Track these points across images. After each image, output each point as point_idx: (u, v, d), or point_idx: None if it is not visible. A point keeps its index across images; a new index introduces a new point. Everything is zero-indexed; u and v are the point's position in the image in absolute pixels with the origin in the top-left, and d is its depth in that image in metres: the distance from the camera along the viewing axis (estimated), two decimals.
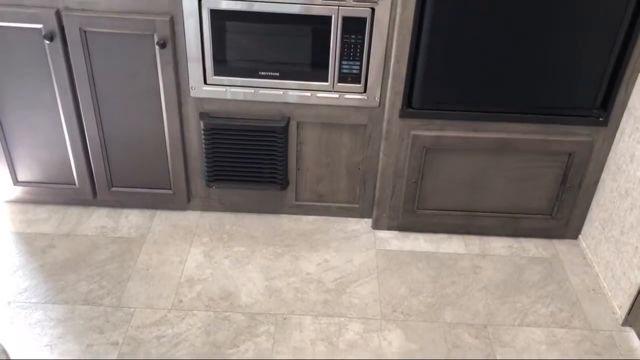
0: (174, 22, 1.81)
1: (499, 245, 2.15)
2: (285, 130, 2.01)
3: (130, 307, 1.83)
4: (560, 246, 2.16)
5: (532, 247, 2.15)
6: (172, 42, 1.83)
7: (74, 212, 2.19)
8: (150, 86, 1.92)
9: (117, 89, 1.92)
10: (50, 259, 1.99)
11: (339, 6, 1.79)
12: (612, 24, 1.71)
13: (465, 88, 1.86)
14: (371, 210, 2.19)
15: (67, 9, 1.79)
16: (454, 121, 1.93)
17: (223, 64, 1.90)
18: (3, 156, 2.06)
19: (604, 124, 1.90)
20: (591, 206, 2.09)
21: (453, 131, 1.94)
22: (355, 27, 1.83)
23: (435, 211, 2.13)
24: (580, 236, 2.17)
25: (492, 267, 2.06)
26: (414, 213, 2.12)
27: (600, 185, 2.03)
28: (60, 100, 1.93)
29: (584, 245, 2.14)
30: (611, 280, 1.93)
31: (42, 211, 2.19)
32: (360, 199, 2.19)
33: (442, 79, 1.85)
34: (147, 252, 2.04)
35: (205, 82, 1.93)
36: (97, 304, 1.84)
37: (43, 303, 1.83)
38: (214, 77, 1.92)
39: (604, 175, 2.00)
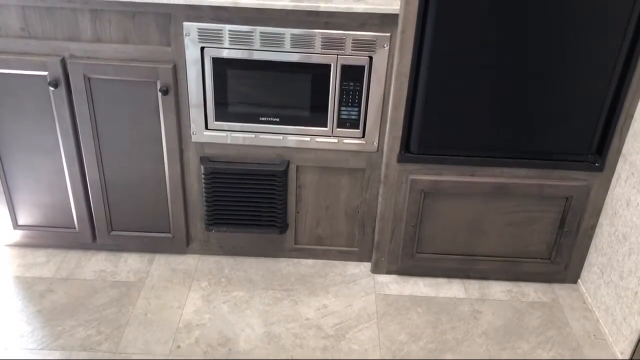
0: (177, 70, 1.85)
1: (498, 289, 2.15)
2: (284, 174, 2.03)
3: (128, 353, 1.81)
4: (559, 290, 2.15)
5: (532, 291, 2.14)
6: (174, 88, 1.87)
7: (73, 255, 2.19)
8: (152, 131, 1.95)
9: (119, 134, 1.95)
10: (49, 303, 1.98)
11: (337, 55, 1.83)
12: (605, 72, 1.76)
13: (462, 133, 1.89)
14: (370, 253, 2.20)
15: (72, 56, 1.83)
16: (452, 166, 1.95)
17: (224, 110, 1.93)
18: (4, 200, 2.08)
19: (600, 169, 1.92)
20: (589, 250, 2.10)
21: (451, 175, 1.97)
22: (353, 75, 1.87)
23: (434, 255, 2.13)
24: (579, 280, 2.17)
25: (491, 312, 2.05)
26: (413, 257, 2.12)
27: (597, 229, 2.04)
28: (63, 145, 1.96)
29: (584, 290, 2.13)
30: (612, 326, 1.92)
31: (41, 255, 2.18)
32: (359, 242, 2.20)
33: (440, 125, 1.88)
34: (146, 296, 2.03)
35: (206, 127, 1.96)
36: (95, 350, 1.82)
37: (40, 349, 1.81)
38: (215, 122, 1.95)
39: (601, 219, 2.02)
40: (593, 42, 1.71)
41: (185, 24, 1.78)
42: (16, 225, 2.15)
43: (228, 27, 1.79)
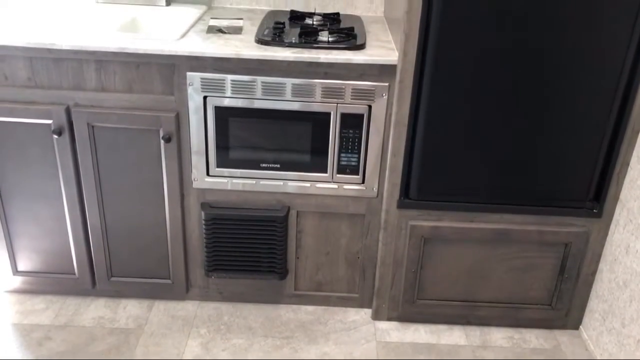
0: (180, 118, 1.89)
1: (499, 336, 2.13)
2: (285, 219, 2.04)
3: None
4: (561, 337, 2.13)
5: (533, 337, 2.12)
6: (176, 136, 1.90)
7: (72, 302, 2.18)
8: (154, 178, 1.96)
9: (121, 181, 1.97)
10: (46, 351, 1.96)
11: (337, 103, 1.87)
12: (601, 120, 1.79)
13: (461, 180, 1.91)
14: (371, 300, 2.18)
15: (76, 105, 1.87)
16: (451, 212, 1.97)
17: (225, 157, 1.96)
18: (5, 246, 2.08)
19: (598, 215, 1.94)
20: (590, 297, 2.09)
21: (450, 221, 1.98)
22: (353, 123, 1.90)
23: (435, 301, 2.12)
24: (581, 327, 2.15)
25: (493, 359, 2.03)
26: (414, 303, 2.11)
27: (598, 276, 2.04)
28: (65, 192, 1.97)
29: (586, 337, 2.11)
30: None
31: (40, 301, 2.17)
32: (359, 288, 2.19)
33: (438, 171, 1.90)
34: (145, 344, 2.01)
35: (207, 174, 1.98)
36: None
37: None
38: (217, 169, 1.97)
39: (601, 265, 2.02)
40: (588, 92, 1.75)
41: (189, 74, 1.82)
42: (16, 272, 2.14)
43: (230, 77, 1.83)
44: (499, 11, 1.65)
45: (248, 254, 2.09)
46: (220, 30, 1.97)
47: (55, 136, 1.87)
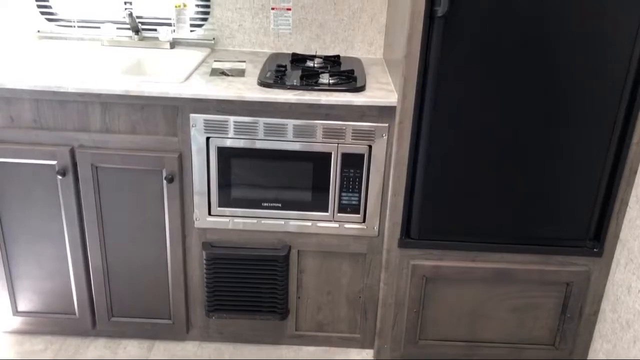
0: (182, 159, 1.91)
1: None
2: (286, 259, 2.04)
3: None
4: None
5: None
6: (179, 176, 1.92)
7: (71, 342, 2.16)
8: (156, 218, 1.98)
9: (123, 221, 1.98)
10: None
11: (338, 144, 1.89)
12: (599, 160, 1.81)
13: (461, 219, 1.92)
14: (373, 340, 2.17)
15: (81, 146, 1.89)
16: (453, 251, 1.97)
17: (227, 196, 1.97)
18: (6, 287, 2.07)
19: (599, 254, 1.94)
20: (594, 337, 2.07)
21: (452, 261, 1.98)
22: (353, 162, 1.92)
23: (437, 342, 2.10)
24: None
25: None
26: (416, 344, 2.10)
27: (600, 315, 2.03)
28: (68, 232, 1.98)
29: None
30: None
31: (39, 342, 2.15)
32: (361, 328, 2.17)
33: (439, 211, 1.91)
34: None
35: (209, 214, 1.99)
36: None
37: None
38: (218, 208, 1.98)
39: (603, 305, 2.01)
40: (586, 132, 1.78)
41: (192, 115, 1.86)
42: (16, 312, 2.13)
43: (233, 118, 1.86)
44: (497, 56, 1.69)
45: (249, 293, 2.08)
46: (223, 73, 2.01)
47: (59, 177, 1.89)
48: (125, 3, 2.34)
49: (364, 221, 2.00)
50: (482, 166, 1.84)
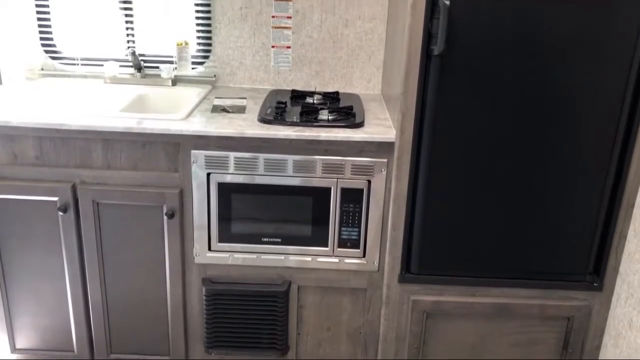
0: (183, 194, 1.92)
1: None
2: (286, 294, 2.03)
3: None
4: None
5: None
6: (179, 212, 1.93)
7: None
8: (156, 254, 1.98)
9: (123, 257, 1.99)
10: None
11: (337, 179, 1.91)
12: (596, 195, 1.83)
13: (461, 253, 1.93)
14: None
15: (82, 183, 1.91)
16: (453, 286, 1.97)
17: (227, 232, 1.98)
18: (4, 324, 2.06)
19: (599, 289, 1.94)
20: None
21: (452, 296, 1.97)
22: (353, 197, 1.94)
23: None
24: None
25: None
26: None
27: (602, 350, 2.01)
28: (68, 269, 1.98)
29: None
30: None
31: None
32: None
33: (439, 245, 1.92)
34: None
35: (209, 249, 1.99)
36: None
37: None
38: (218, 243, 1.99)
39: (605, 340, 2.00)
40: (583, 168, 1.80)
41: (193, 152, 1.88)
42: (14, 349, 2.12)
43: (233, 154, 1.88)
44: (493, 92, 1.73)
45: (249, 329, 2.07)
46: (224, 110, 2.04)
47: (61, 213, 1.90)
48: (128, 42, 2.39)
49: (364, 256, 2.00)
50: (481, 200, 1.85)
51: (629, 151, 1.78)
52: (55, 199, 1.90)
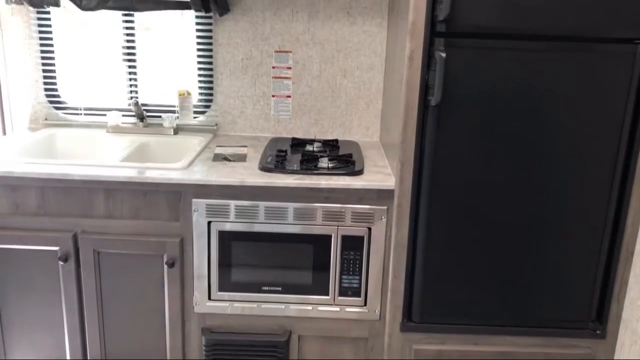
0: (184, 243, 1.93)
1: None
2: (286, 344, 2.01)
3: None
4: None
5: None
6: (180, 261, 1.93)
7: None
8: (156, 303, 1.97)
9: (123, 307, 1.97)
10: None
11: (338, 226, 1.92)
12: (595, 242, 1.84)
13: (463, 301, 1.91)
14: None
15: (84, 232, 1.91)
16: (455, 334, 1.95)
17: (227, 280, 1.97)
18: None
19: (602, 336, 1.92)
20: None
21: (454, 345, 1.95)
22: (353, 245, 1.94)
23: None
24: None
25: None
26: None
27: None
28: (67, 320, 1.97)
29: None
30: None
31: None
32: None
33: (440, 293, 1.91)
34: None
35: (209, 298, 1.98)
36: None
37: None
38: (218, 292, 1.98)
39: None
40: (580, 216, 1.81)
41: (194, 200, 1.89)
42: None
43: (234, 202, 1.89)
44: (490, 140, 1.76)
45: None
46: (225, 158, 2.07)
47: (61, 263, 1.90)
48: (131, 92, 2.44)
49: (365, 304, 1.99)
50: (482, 248, 1.86)
51: (626, 197, 1.80)
52: (56, 248, 1.90)
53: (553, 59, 1.69)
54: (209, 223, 1.92)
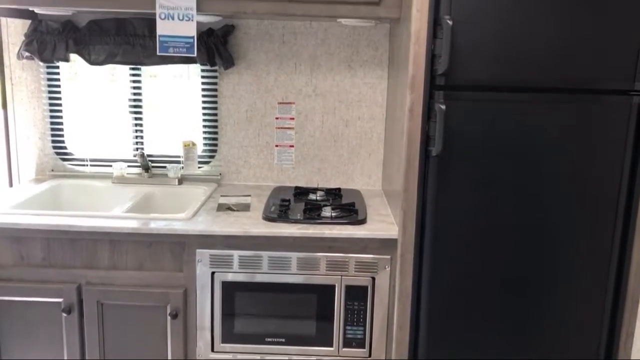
0: (187, 294, 1.93)
1: None
2: None
3: None
4: None
5: None
6: (183, 312, 1.92)
7: None
8: (159, 354, 1.95)
9: (126, 358, 1.95)
10: None
11: (341, 276, 1.92)
12: (599, 289, 1.83)
13: (468, 351, 1.89)
14: None
15: (88, 283, 1.92)
16: None
17: (231, 332, 1.96)
18: None
19: None
20: None
21: None
22: (357, 295, 1.94)
23: None
24: None
25: None
26: None
27: None
28: None
29: None
30: None
31: None
32: None
33: (446, 345, 1.89)
34: None
35: (212, 350, 1.96)
36: None
37: None
38: (221, 344, 1.96)
39: None
40: (582, 262, 1.82)
41: (198, 250, 1.90)
42: None
43: (238, 252, 1.90)
44: (491, 188, 1.78)
45: None
46: (229, 208, 2.09)
47: (65, 314, 1.90)
48: (136, 143, 2.48)
49: (369, 356, 1.97)
50: (485, 297, 1.85)
51: (628, 245, 1.81)
52: (60, 300, 1.90)
53: (550, 110, 1.73)
54: (213, 273, 1.92)
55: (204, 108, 2.44)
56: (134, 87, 2.44)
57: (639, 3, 1.67)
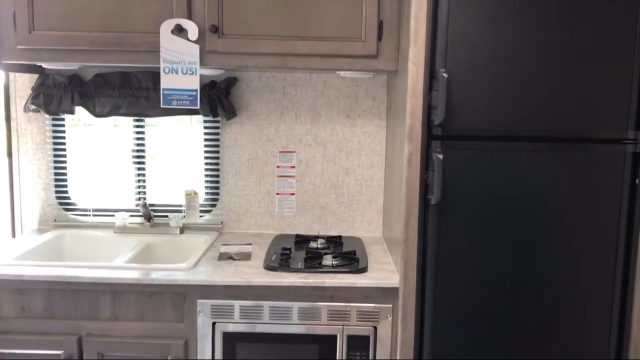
0: (188, 345, 1.91)
1: None
2: None
3: None
4: None
5: None
6: None
7: None
8: None
9: None
10: None
11: (343, 325, 1.91)
12: (600, 339, 1.82)
13: None
14: None
15: (89, 335, 1.91)
16: None
17: None
18: None
19: None
20: None
21: None
22: (359, 345, 1.92)
23: None
24: None
25: None
26: None
27: None
28: None
29: None
30: None
31: None
32: None
33: None
34: None
35: None
36: None
37: None
38: None
39: None
40: (584, 302, 1.82)
41: (199, 301, 1.90)
42: None
43: (239, 302, 1.90)
44: (491, 235, 1.79)
45: None
46: (230, 257, 2.09)
47: None
48: (139, 193, 2.51)
49: None
50: (489, 347, 1.84)
51: (629, 293, 1.81)
52: (60, 352, 1.88)
53: (544, 159, 1.77)
54: (214, 324, 1.91)
55: (206, 157, 2.48)
56: (137, 138, 2.49)
57: (630, 52, 1.73)
